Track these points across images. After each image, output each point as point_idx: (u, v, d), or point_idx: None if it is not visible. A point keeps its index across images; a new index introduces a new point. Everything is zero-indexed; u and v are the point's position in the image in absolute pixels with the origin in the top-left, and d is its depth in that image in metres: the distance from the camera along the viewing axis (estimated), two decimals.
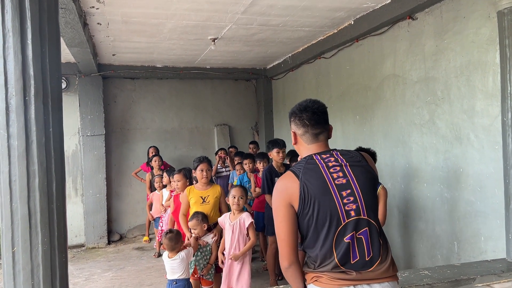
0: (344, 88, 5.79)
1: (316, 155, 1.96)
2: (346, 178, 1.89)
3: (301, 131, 2.03)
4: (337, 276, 1.85)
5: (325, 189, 1.86)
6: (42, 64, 2.00)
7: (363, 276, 1.85)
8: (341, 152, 1.99)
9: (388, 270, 1.87)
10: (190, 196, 4.38)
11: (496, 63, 3.33)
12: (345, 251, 1.84)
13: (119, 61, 7.22)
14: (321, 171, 1.89)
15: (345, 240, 1.84)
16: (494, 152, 3.44)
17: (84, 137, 7.28)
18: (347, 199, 1.86)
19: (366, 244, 1.86)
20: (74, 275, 5.75)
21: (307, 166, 1.91)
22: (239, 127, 8.76)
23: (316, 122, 2.00)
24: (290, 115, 2.08)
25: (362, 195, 1.88)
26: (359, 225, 1.86)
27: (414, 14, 4.27)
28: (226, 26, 5.11)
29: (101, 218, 7.37)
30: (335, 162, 1.92)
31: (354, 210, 1.86)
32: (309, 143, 2.02)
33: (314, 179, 1.87)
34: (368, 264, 1.85)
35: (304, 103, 2.06)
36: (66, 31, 4.34)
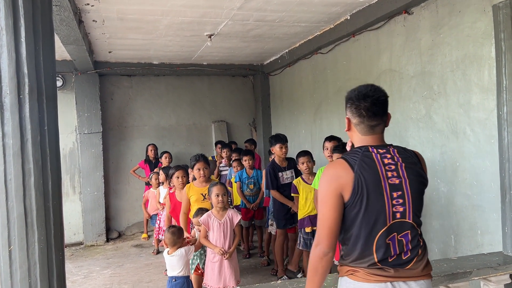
0: (341, 83, 5.78)
1: (373, 148, 1.87)
2: (400, 179, 1.83)
3: (356, 120, 1.91)
4: (374, 272, 1.83)
5: (378, 187, 1.80)
6: (36, 62, 1.99)
7: (400, 273, 1.83)
8: (397, 149, 1.91)
9: (424, 269, 1.87)
10: (190, 193, 4.39)
11: (491, 57, 3.34)
12: (384, 250, 1.82)
13: (116, 58, 7.20)
14: (376, 167, 1.82)
15: (387, 241, 1.82)
16: (490, 145, 3.45)
17: (81, 135, 7.27)
18: (396, 200, 1.82)
19: (406, 245, 1.84)
20: (73, 273, 5.75)
21: (363, 159, 1.83)
22: (236, 124, 8.76)
23: (374, 113, 1.88)
24: (347, 100, 1.96)
25: (412, 199, 1.84)
26: (402, 227, 1.83)
27: (410, 9, 4.27)
28: (222, 22, 5.10)
29: (99, 216, 7.37)
30: (391, 160, 1.85)
31: (400, 213, 1.82)
32: (363, 134, 1.92)
33: (369, 174, 1.80)
34: (406, 263, 1.84)
35: (364, 90, 1.93)
36: (61, 29, 4.32)
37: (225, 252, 3.83)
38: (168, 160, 7.12)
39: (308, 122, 6.84)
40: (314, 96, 6.59)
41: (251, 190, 5.80)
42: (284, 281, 2.57)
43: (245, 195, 5.78)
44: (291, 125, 7.47)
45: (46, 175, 2.01)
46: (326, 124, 6.25)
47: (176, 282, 3.80)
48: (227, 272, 3.87)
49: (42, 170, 1.98)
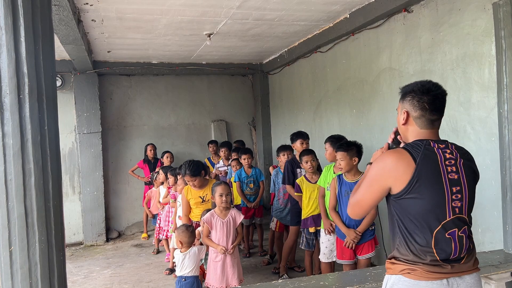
0: (340, 82, 5.78)
1: (434, 143, 1.89)
2: (458, 174, 1.86)
3: (417, 113, 1.93)
4: (432, 270, 1.83)
5: (438, 181, 1.83)
6: (36, 61, 1.98)
7: (455, 269, 1.85)
8: (455, 145, 1.94)
9: (475, 262, 1.91)
10: (189, 197, 4.38)
11: (492, 55, 3.33)
12: (444, 246, 1.83)
13: (115, 58, 7.19)
14: (438, 161, 1.85)
15: (447, 235, 1.83)
16: (490, 144, 3.45)
17: (80, 135, 7.26)
18: (455, 195, 1.84)
19: (465, 242, 1.87)
20: (73, 273, 5.74)
21: (426, 152, 1.85)
22: (236, 123, 8.75)
23: (436, 108, 1.93)
24: (407, 92, 1.98)
25: (468, 194, 1.88)
26: (461, 223, 1.86)
27: (410, 7, 4.26)
28: (221, 21, 5.09)
29: (99, 216, 7.36)
30: (450, 155, 1.88)
31: (459, 208, 1.85)
32: (422, 127, 1.94)
33: (431, 168, 1.83)
34: (462, 258, 1.87)
35: (427, 85, 1.96)
36: (60, 28, 4.30)
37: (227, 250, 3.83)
38: (170, 159, 7.13)
39: (308, 121, 6.83)
40: (314, 95, 6.59)
41: (251, 189, 5.79)
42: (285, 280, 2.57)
43: (245, 194, 5.78)
44: (291, 124, 7.46)
45: (47, 175, 2.00)
46: (326, 123, 6.25)
47: (186, 281, 3.81)
48: (230, 272, 3.86)
49: (42, 170, 1.98)
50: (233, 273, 3.88)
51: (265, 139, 8.51)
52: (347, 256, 3.74)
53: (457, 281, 1.85)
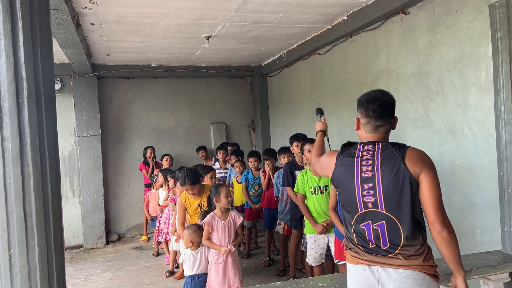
0: (339, 84, 5.80)
1: (361, 145, 2.14)
2: (373, 172, 2.04)
3: (364, 120, 2.16)
4: (353, 255, 2.12)
5: (350, 178, 2.09)
6: (35, 66, 2.00)
7: (375, 259, 2.03)
8: (383, 145, 2.09)
9: (410, 260, 1.99)
10: (187, 205, 4.39)
11: (488, 56, 3.35)
12: (360, 235, 2.08)
13: (114, 61, 7.21)
14: (353, 162, 2.11)
15: (361, 226, 2.07)
16: (488, 145, 3.46)
17: (80, 138, 7.27)
18: (367, 191, 2.04)
19: (382, 234, 2.02)
20: (73, 276, 5.75)
21: (348, 152, 2.16)
22: (235, 125, 8.77)
23: (380, 115, 2.11)
24: (358, 102, 2.19)
25: (383, 191, 2.01)
26: (376, 217, 2.03)
27: (407, 9, 4.28)
28: (219, 24, 5.11)
29: (99, 219, 7.37)
30: (370, 156, 2.08)
31: (372, 203, 2.04)
32: (368, 132, 2.16)
33: (345, 166, 2.14)
34: (385, 251, 2.01)
35: (373, 94, 2.14)
36: (59, 32, 4.32)
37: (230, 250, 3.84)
38: (169, 162, 7.14)
39: (307, 123, 6.84)
40: (312, 97, 6.60)
41: (256, 191, 5.81)
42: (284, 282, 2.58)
43: (250, 195, 5.80)
44: (290, 126, 7.47)
45: (46, 179, 2.01)
46: None
47: (200, 279, 3.89)
48: (231, 273, 3.87)
49: (41, 173, 1.99)
50: (235, 275, 3.89)
51: (265, 141, 8.52)
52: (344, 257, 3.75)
53: (378, 270, 2.02)
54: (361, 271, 2.06)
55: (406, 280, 1.96)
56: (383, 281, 2.00)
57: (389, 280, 1.98)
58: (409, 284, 1.95)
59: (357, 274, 2.08)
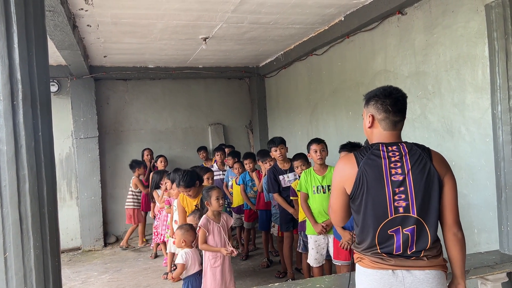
0: (336, 84, 5.80)
1: (383, 146, 2.02)
2: (403, 175, 1.96)
3: (381, 116, 2.05)
4: (376, 260, 2.00)
5: (380, 183, 1.96)
6: (30, 68, 1.99)
7: (400, 263, 1.97)
8: (408, 147, 2.02)
9: (433, 261, 1.98)
10: (185, 204, 4.38)
11: (485, 56, 3.35)
12: (387, 242, 1.98)
13: (111, 63, 7.20)
14: (381, 164, 1.97)
15: (389, 232, 1.97)
16: (485, 144, 3.46)
17: (77, 140, 7.26)
18: (398, 196, 1.95)
19: (411, 239, 1.96)
20: (71, 279, 5.73)
21: (370, 156, 2.00)
22: (233, 126, 8.76)
23: (398, 109, 2.04)
24: (371, 97, 2.09)
25: (415, 194, 1.94)
26: (406, 221, 1.95)
27: (403, 9, 4.29)
28: (216, 25, 5.11)
29: (97, 221, 7.35)
30: (398, 158, 1.98)
31: (403, 207, 1.95)
32: (386, 129, 2.06)
33: (372, 170, 1.97)
34: (411, 255, 1.97)
35: (388, 89, 2.08)
36: (55, 34, 4.31)
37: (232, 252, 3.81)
38: (164, 164, 7.11)
39: (304, 123, 6.85)
40: (310, 98, 6.61)
41: (254, 192, 5.81)
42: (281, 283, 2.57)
43: (248, 197, 5.81)
44: (288, 127, 7.48)
45: (41, 181, 2.00)
46: (322, 125, 6.26)
47: (200, 276, 3.90)
48: (228, 276, 3.86)
49: (36, 176, 1.98)
50: (231, 277, 3.89)
51: (262, 142, 8.51)
52: (342, 257, 3.76)
53: (403, 274, 1.96)
54: (384, 276, 1.98)
55: (432, 281, 1.96)
56: (409, 284, 1.95)
57: (416, 282, 1.95)
58: (434, 284, 1.96)
59: (379, 280, 1.99)
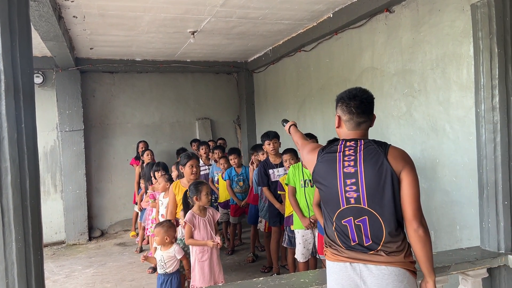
0: (324, 81, 5.82)
1: (343, 141, 2.14)
2: (355, 168, 2.03)
3: (346, 117, 2.14)
4: (334, 252, 2.09)
5: (332, 174, 2.07)
6: (13, 58, 1.96)
7: (356, 256, 2.02)
8: (365, 142, 2.09)
9: (392, 257, 1.99)
10: (176, 191, 4.34)
11: (470, 55, 3.40)
12: (343, 232, 2.06)
13: (97, 55, 7.11)
14: (335, 157, 2.09)
15: (343, 222, 2.05)
16: (468, 142, 3.51)
17: (62, 133, 7.16)
18: (349, 187, 2.03)
19: (364, 230, 2.01)
20: (54, 272, 5.68)
21: (329, 150, 2.14)
22: (221, 121, 8.74)
23: (362, 111, 2.11)
24: (338, 100, 2.19)
25: (366, 186, 2.00)
26: (359, 213, 2.02)
27: (391, 7, 4.31)
28: (205, 19, 5.08)
29: (82, 215, 7.28)
30: (352, 152, 2.07)
31: (354, 198, 2.02)
32: (350, 129, 2.15)
33: (327, 164, 2.11)
34: (367, 247, 2.01)
35: (354, 91, 2.15)
36: (40, 25, 4.24)
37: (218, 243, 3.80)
38: (150, 157, 7.04)
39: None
40: (298, 94, 6.62)
41: (240, 187, 5.82)
42: (266, 278, 2.58)
43: (234, 192, 5.80)
44: (275, 122, 7.48)
45: (24, 174, 1.98)
46: (310, 121, 6.29)
47: (178, 274, 3.92)
48: (216, 269, 3.86)
49: (19, 168, 1.95)
50: (219, 270, 3.89)
51: (250, 137, 8.52)
52: None
53: (360, 267, 2.02)
54: (342, 269, 2.04)
55: (388, 277, 1.96)
56: (365, 278, 1.99)
57: (371, 277, 1.98)
58: (390, 281, 1.96)
59: (339, 272, 2.06)
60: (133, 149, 7.63)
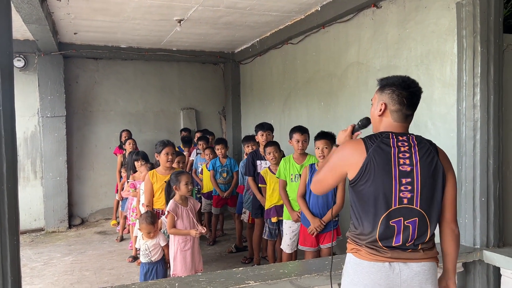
0: (310, 74, 5.83)
1: (393, 135, 1.97)
2: (411, 167, 1.92)
3: (395, 107, 2.00)
4: (373, 252, 1.95)
5: (388, 171, 1.91)
6: None
7: (397, 255, 1.94)
8: (417, 139, 1.99)
9: (429, 253, 1.98)
10: (153, 180, 4.31)
11: (453, 53, 3.44)
12: (388, 232, 1.93)
13: (81, 40, 6.98)
14: (390, 153, 1.92)
15: (391, 223, 1.92)
16: (449, 139, 3.56)
17: (43, 118, 7.03)
18: (404, 186, 1.91)
19: (412, 231, 1.93)
20: (32, 260, 5.61)
21: (380, 144, 1.94)
22: (206, 111, 8.69)
23: (413, 104, 2.01)
24: (388, 85, 2.03)
25: (421, 187, 1.92)
26: (409, 213, 1.92)
27: (379, 2, 4.33)
28: (192, 8, 5.02)
29: (62, 202, 7.19)
30: (407, 148, 1.94)
31: (408, 199, 1.91)
32: (397, 121, 2.01)
33: (381, 159, 1.91)
34: (409, 247, 1.95)
35: (407, 81, 2.02)
36: (22, 7, 4.13)
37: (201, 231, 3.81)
38: (133, 146, 6.97)
39: (277, 112, 6.87)
40: (284, 87, 6.62)
41: (224, 178, 5.80)
42: (246, 268, 2.59)
43: (218, 183, 5.79)
44: (261, 115, 7.48)
45: (1, 158, 1.94)
46: (295, 115, 6.30)
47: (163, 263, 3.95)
48: (197, 258, 3.88)
49: None
50: (200, 259, 3.92)
51: (235, 129, 8.50)
52: (309, 243, 3.82)
53: (400, 266, 1.94)
54: (381, 269, 1.95)
55: (428, 272, 1.96)
56: (405, 277, 1.95)
57: (412, 275, 1.95)
58: (429, 276, 1.97)
59: (377, 273, 1.95)
60: (116, 137, 7.55)
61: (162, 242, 3.89)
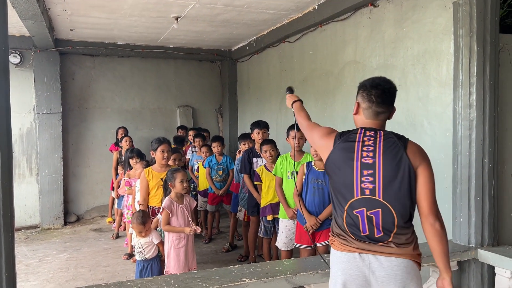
0: (307, 73, 5.83)
1: (362, 130, 2.09)
2: (374, 159, 2.00)
3: (365, 105, 2.12)
4: (343, 242, 2.05)
5: (349, 164, 2.03)
6: None
7: (366, 247, 2.00)
8: (385, 134, 2.06)
9: (402, 248, 1.98)
10: (149, 178, 4.30)
11: (450, 53, 3.45)
12: (353, 222, 2.02)
13: (78, 37, 6.95)
14: (354, 146, 2.04)
15: (354, 212, 2.02)
16: (445, 138, 3.58)
17: (39, 115, 7.00)
18: (366, 177, 1.99)
19: (376, 222, 1.98)
20: (27, 257, 5.59)
21: (348, 137, 2.09)
22: (202, 109, 8.68)
23: (383, 101, 2.09)
24: (360, 86, 2.17)
25: (383, 179, 1.98)
26: (372, 204, 1.99)
27: (376, 1, 4.34)
28: (189, 5, 5.01)
29: (57, 199, 7.16)
30: (372, 142, 2.03)
31: (370, 190, 1.99)
32: (368, 118, 2.12)
33: (344, 153, 2.06)
34: (378, 239, 1.99)
35: (377, 80, 2.14)
36: (18, 2, 4.11)
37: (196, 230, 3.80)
38: (129, 144, 6.95)
39: (274, 110, 6.87)
40: (281, 85, 6.61)
41: (219, 176, 5.80)
42: (241, 266, 2.60)
43: (213, 181, 5.79)
44: (257, 113, 7.48)
45: None
46: (291, 113, 6.27)
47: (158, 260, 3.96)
48: (191, 256, 3.87)
49: None
50: (193, 257, 3.92)
51: (232, 127, 8.49)
52: (305, 241, 3.82)
53: (370, 258, 2.00)
54: (351, 259, 2.02)
55: (397, 268, 1.97)
56: (374, 269, 1.98)
57: (381, 268, 1.97)
58: (399, 272, 1.97)
59: (347, 262, 2.03)
60: (112, 134, 7.52)
61: (155, 240, 3.88)
